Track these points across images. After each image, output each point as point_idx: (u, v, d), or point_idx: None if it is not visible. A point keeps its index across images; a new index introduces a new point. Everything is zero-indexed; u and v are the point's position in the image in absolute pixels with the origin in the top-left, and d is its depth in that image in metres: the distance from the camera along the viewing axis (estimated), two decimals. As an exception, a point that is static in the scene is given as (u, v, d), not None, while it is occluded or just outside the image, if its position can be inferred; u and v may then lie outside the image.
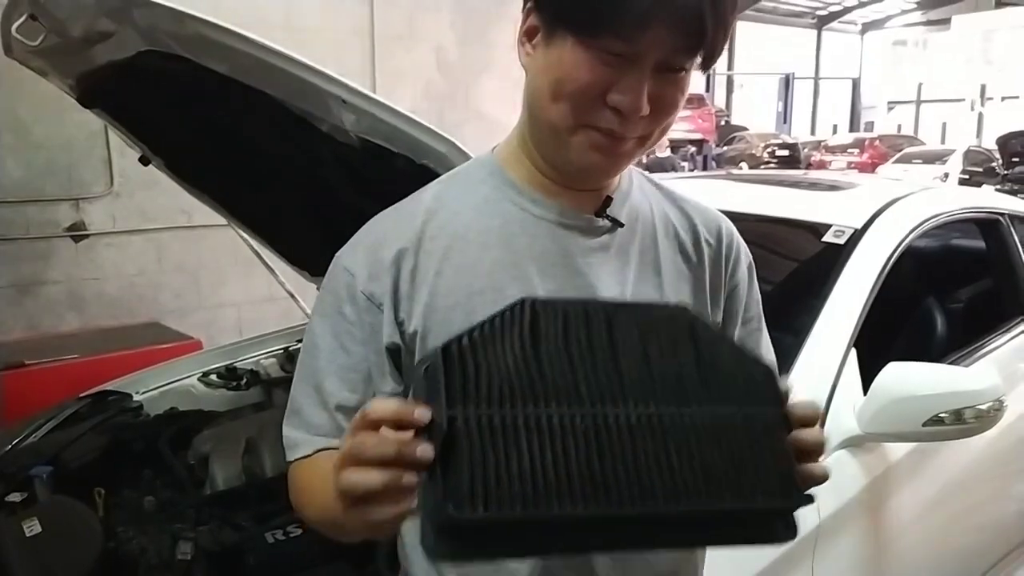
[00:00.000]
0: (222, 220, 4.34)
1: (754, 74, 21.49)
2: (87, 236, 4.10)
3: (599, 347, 0.61)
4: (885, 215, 1.87)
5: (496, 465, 0.55)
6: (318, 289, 2.78)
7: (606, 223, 0.87)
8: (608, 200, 0.87)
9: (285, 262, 2.50)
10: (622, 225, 0.88)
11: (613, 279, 0.86)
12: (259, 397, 2.30)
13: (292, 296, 4.46)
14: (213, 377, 2.33)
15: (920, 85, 22.52)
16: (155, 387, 2.28)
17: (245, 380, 2.32)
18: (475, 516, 0.53)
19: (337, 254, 0.89)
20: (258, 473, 1.84)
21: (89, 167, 4.07)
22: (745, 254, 0.98)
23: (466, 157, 1.19)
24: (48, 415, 2.16)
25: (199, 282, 4.40)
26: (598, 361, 0.61)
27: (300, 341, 2.55)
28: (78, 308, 4.10)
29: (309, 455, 0.85)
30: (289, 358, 2.47)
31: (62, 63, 1.71)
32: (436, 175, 1.32)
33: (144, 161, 2.17)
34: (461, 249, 0.84)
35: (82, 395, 2.26)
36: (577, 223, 0.86)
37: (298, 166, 1.73)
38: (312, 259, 2.44)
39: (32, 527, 1.62)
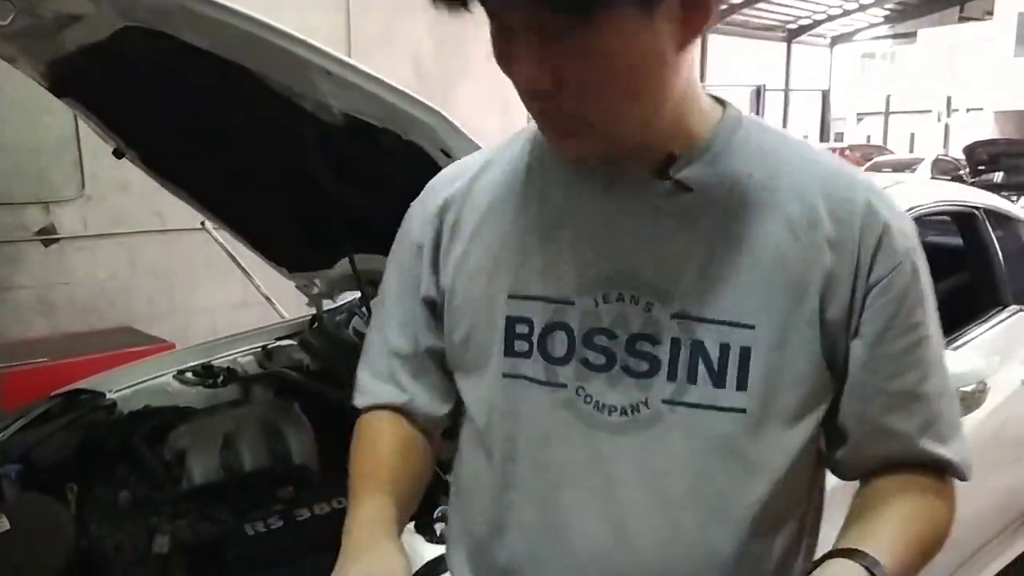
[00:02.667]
0: (196, 224, 4.27)
1: (725, 86, 21.73)
2: (57, 240, 4.02)
3: None
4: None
5: None
6: (297, 288, 2.73)
7: (666, 185, 0.74)
8: (671, 159, 0.73)
9: (263, 259, 2.46)
10: (689, 190, 0.73)
11: (665, 249, 0.74)
12: (236, 394, 2.25)
13: (268, 300, 4.41)
14: (188, 375, 2.27)
15: (888, 97, 22.90)
16: (128, 385, 2.22)
17: (222, 378, 2.27)
18: None
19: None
20: (236, 468, 1.80)
21: (60, 170, 3.99)
22: (903, 252, 0.73)
23: (456, 131, 1.17)
24: (17, 415, 2.09)
25: (172, 287, 4.33)
26: None
27: (279, 339, 2.53)
28: (48, 313, 4.01)
29: (363, 408, 0.90)
30: (268, 355, 2.42)
31: (32, 48, 1.67)
32: (424, 153, 1.32)
33: (118, 154, 2.13)
34: (501, 210, 0.81)
35: (53, 394, 2.20)
36: (625, 185, 0.75)
37: (279, 154, 1.70)
38: (291, 255, 2.40)
39: (1, 524, 1.57)
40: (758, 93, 21.18)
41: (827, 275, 0.72)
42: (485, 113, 4.80)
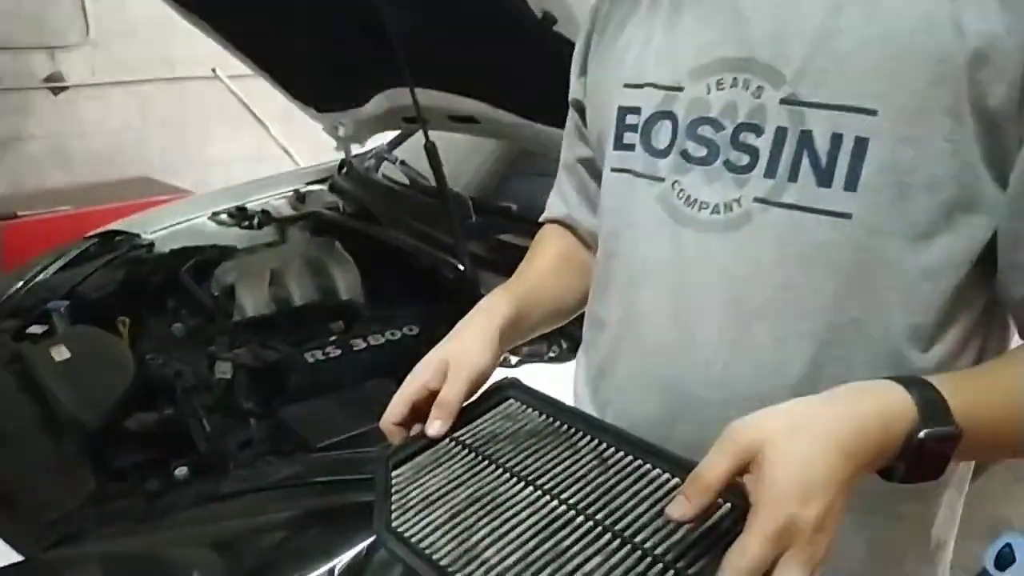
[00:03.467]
0: (207, 72, 4.12)
1: None
2: (66, 88, 3.88)
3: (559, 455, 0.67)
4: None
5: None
6: (324, 131, 2.65)
7: None
8: None
9: (290, 97, 2.36)
10: None
11: (785, 22, 0.64)
12: (273, 236, 2.23)
13: (286, 151, 4.33)
14: (224, 216, 2.24)
15: None
16: (164, 227, 2.20)
17: (257, 220, 2.24)
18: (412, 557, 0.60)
19: None
20: (286, 302, 1.79)
21: (61, 13, 3.79)
22: None
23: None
24: (54, 255, 2.08)
25: (186, 138, 4.21)
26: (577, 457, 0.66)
27: (310, 183, 2.48)
28: (63, 164, 3.93)
29: (542, 221, 0.96)
30: (300, 199, 2.39)
31: None
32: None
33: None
34: None
35: (88, 235, 2.18)
36: None
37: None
38: (321, 92, 2.31)
39: (60, 352, 1.58)
40: None
41: (986, 47, 0.56)
42: None
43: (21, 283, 1.95)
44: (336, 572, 1.04)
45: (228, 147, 4.27)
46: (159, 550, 1.14)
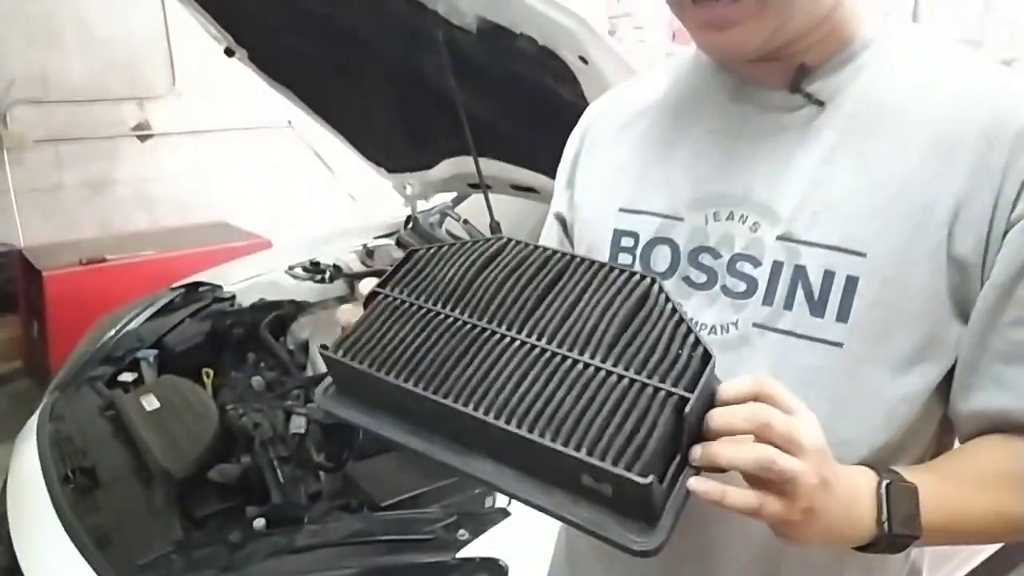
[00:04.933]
0: (283, 123, 4.33)
1: None
2: (151, 136, 4.14)
3: (535, 286, 0.66)
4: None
5: (378, 334, 0.66)
6: (393, 188, 2.77)
7: (797, 99, 0.70)
8: (802, 70, 0.70)
9: (362, 158, 2.51)
10: (821, 103, 0.69)
11: (780, 166, 0.70)
12: (343, 290, 2.35)
13: (352, 198, 4.50)
14: (298, 270, 2.38)
15: None
16: (244, 279, 2.35)
17: (328, 274, 2.38)
18: (334, 357, 0.65)
19: None
20: (356, 358, 1.90)
21: (151, 65, 4.07)
22: None
23: (598, 38, 1.16)
24: (144, 304, 2.24)
25: (261, 185, 4.44)
26: (525, 296, 0.66)
27: (378, 237, 2.61)
28: (146, 207, 4.18)
29: None
30: (368, 253, 2.51)
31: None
32: (559, 59, 1.32)
33: (229, 52, 2.17)
34: (631, 125, 0.82)
35: (174, 286, 2.34)
36: (753, 98, 0.73)
37: (396, 54, 1.71)
38: (391, 156, 2.45)
39: (150, 402, 1.72)
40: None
41: (959, 204, 0.64)
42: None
43: (114, 331, 2.11)
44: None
45: (301, 194, 4.47)
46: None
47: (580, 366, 0.60)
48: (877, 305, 0.66)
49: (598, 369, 0.59)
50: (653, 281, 0.65)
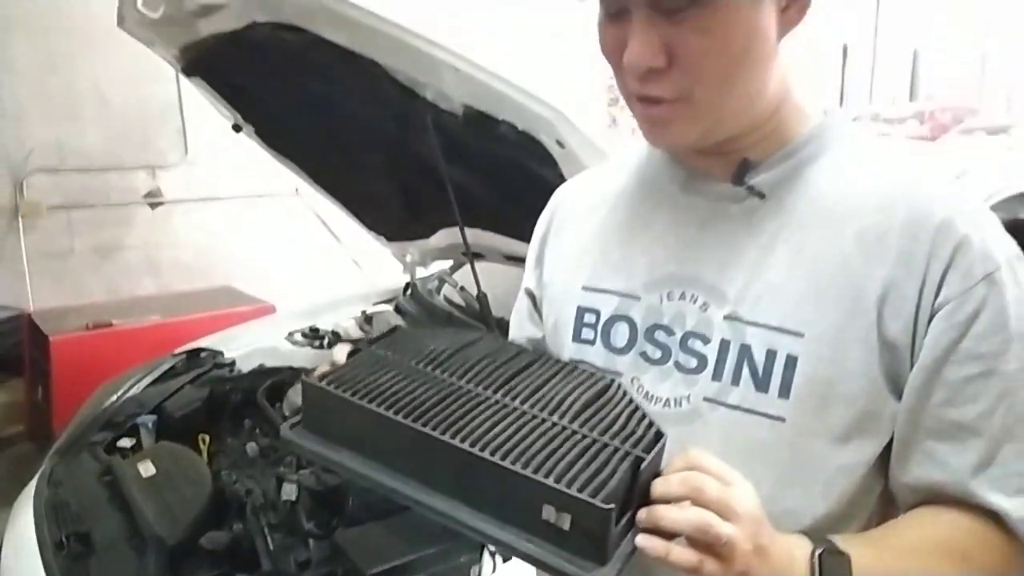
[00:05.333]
0: (290, 191, 4.44)
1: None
2: (162, 203, 4.26)
3: (508, 366, 0.76)
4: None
5: (360, 374, 0.71)
6: (393, 256, 2.85)
7: (741, 191, 0.76)
8: (745, 165, 0.76)
9: (364, 228, 2.59)
10: (762, 196, 0.75)
11: (728, 252, 0.76)
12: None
13: (356, 264, 4.58)
14: (298, 336, 2.44)
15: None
16: (244, 345, 2.40)
17: (327, 340, 2.43)
18: (315, 384, 0.69)
19: None
20: (349, 425, 1.93)
21: (165, 136, 4.21)
22: (980, 274, 0.69)
23: (573, 127, 1.24)
24: (146, 370, 2.29)
25: (269, 250, 4.53)
26: (500, 371, 0.75)
27: (376, 304, 2.67)
28: (154, 273, 4.27)
29: None
30: (367, 320, 2.57)
31: (170, 34, 1.81)
32: (539, 143, 1.40)
33: (236, 128, 2.27)
34: (595, 210, 0.88)
35: (176, 352, 2.39)
36: (702, 189, 0.79)
37: (392, 134, 1.80)
38: (391, 226, 2.53)
39: (147, 468, 1.75)
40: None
41: (887, 291, 0.69)
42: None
43: (115, 396, 2.15)
44: None
45: (305, 259, 4.56)
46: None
47: (549, 424, 0.68)
48: (816, 382, 0.71)
49: (564, 428, 0.67)
50: (612, 381, 0.74)
